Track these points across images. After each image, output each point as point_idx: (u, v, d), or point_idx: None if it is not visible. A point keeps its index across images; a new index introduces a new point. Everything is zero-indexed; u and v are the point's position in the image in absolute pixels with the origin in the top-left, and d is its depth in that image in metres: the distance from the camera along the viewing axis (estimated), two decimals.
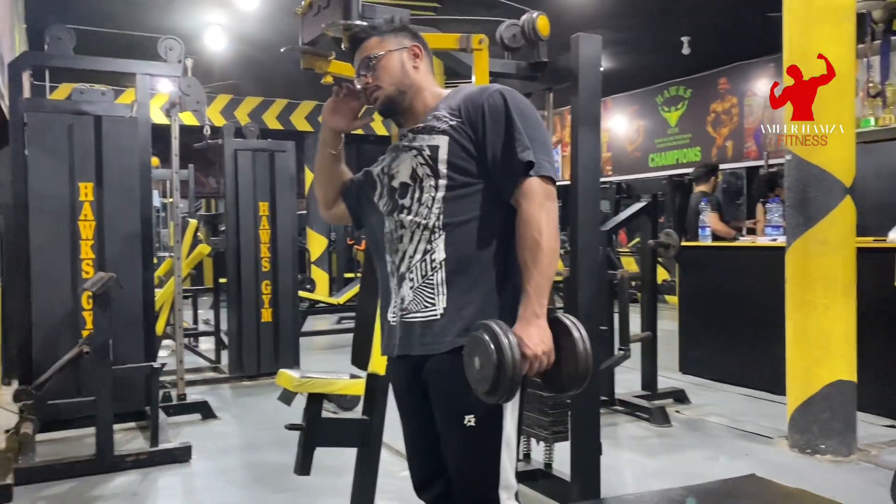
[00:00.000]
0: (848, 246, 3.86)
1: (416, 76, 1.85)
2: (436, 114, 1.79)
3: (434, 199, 1.71)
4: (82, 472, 3.64)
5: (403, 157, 1.80)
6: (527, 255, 1.65)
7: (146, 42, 6.47)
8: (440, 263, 1.71)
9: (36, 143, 4.20)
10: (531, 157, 1.67)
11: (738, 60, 9.60)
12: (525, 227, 1.66)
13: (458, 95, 1.81)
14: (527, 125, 1.71)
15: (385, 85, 1.82)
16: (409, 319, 1.75)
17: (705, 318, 5.80)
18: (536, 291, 1.63)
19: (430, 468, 1.85)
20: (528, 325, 1.60)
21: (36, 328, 4.15)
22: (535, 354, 1.58)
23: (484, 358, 1.53)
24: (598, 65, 2.96)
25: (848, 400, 3.85)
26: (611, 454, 3.54)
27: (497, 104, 1.72)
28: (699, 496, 1.70)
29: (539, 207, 1.66)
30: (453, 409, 1.70)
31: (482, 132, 1.71)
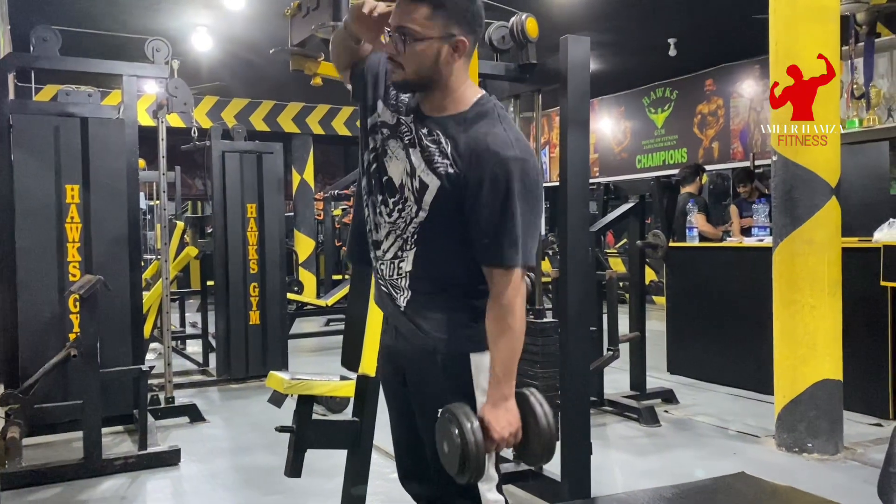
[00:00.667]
0: (834, 246, 3.90)
1: (446, 71, 1.66)
2: (442, 142, 1.65)
3: (412, 220, 1.69)
4: (70, 477, 3.61)
5: (399, 155, 1.72)
6: (499, 338, 1.65)
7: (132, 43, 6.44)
8: (406, 274, 1.72)
9: (22, 145, 4.17)
10: (515, 259, 1.62)
11: (724, 62, 9.66)
12: (501, 310, 1.64)
13: (470, 135, 1.64)
14: (525, 208, 1.61)
15: (407, 69, 1.65)
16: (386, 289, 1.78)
17: (693, 318, 5.84)
18: (506, 374, 1.64)
19: (414, 459, 1.87)
20: (497, 409, 1.63)
21: (22, 331, 4.11)
22: (503, 437, 1.63)
23: (450, 444, 1.60)
24: (587, 66, 2.98)
25: (834, 399, 3.88)
26: (600, 454, 3.56)
27: (500, 181, 1.59)
28: (690, 494, 1.71)
29: (516, 293, 1.64)
30: (426, 403, 1.73)
31: (475, 197, 1.61)
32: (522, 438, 1.66)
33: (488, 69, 3.12)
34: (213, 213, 6.08)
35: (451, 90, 1.69)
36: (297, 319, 7.91)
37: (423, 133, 1.69)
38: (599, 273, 4.77)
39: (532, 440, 1.65)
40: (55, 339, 4.09)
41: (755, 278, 5.05)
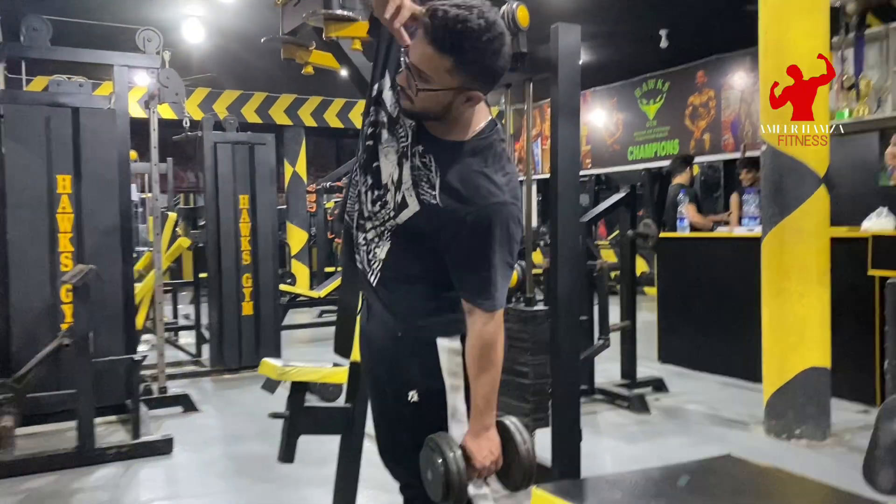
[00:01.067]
0: (822, 235, 3.93)
1: (456, 114, 1.61)
2: (431, 173, 1.61)
3: (389, 220, 1.70)
4: (63, 465, 3.62)
5: (391, 159, 1.69)
6: (480, 373, 1.66)
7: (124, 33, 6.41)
8: (379, 261, 1.73)
9: (12, 135, 4.16)
10: (489, 305, 1.62)
11: (716, 53, 9.69)
12: (484, 347, 1.65)
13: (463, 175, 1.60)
14: (503, 254, 1.61)
15: (416, 105, 1.58)
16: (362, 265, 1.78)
17: (683, 307, 5.88)
18: (486, 406, 1.67)
19: (393, 441, 1.88)
20: (478, 438, 1.67)
21: (14, 321, 4.11)
22: (484, 466, 1.66)
23: (434, 473, 1.64)
24: (578, 54, 2.99)
25: (822, 386, 3.92)
26: (591, 441, 3.59)
27: (483, 227, 1.58)
28: (678, 474, 1.74)
29: (496, 328, 1.66)
30: (396, 387, 1.75)
31: (451, 236, 1.60)
32: (503, 465, 1.70)
33: None
34: (206, 205, 6.08)
35: (459, 125, 1.64)
36: (290, 311, 7.93)
37: (417, 150, 1.64)
38: (590, 263, 4.80)
39: (513, 467, 1.69)
40: (47, 329, 4.10)
41: (745, 268, 5.08)
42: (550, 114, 3.05)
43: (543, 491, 1.62)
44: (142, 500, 3.29)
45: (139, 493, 3.38)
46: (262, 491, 3.37)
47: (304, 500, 3.27)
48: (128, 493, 3.38)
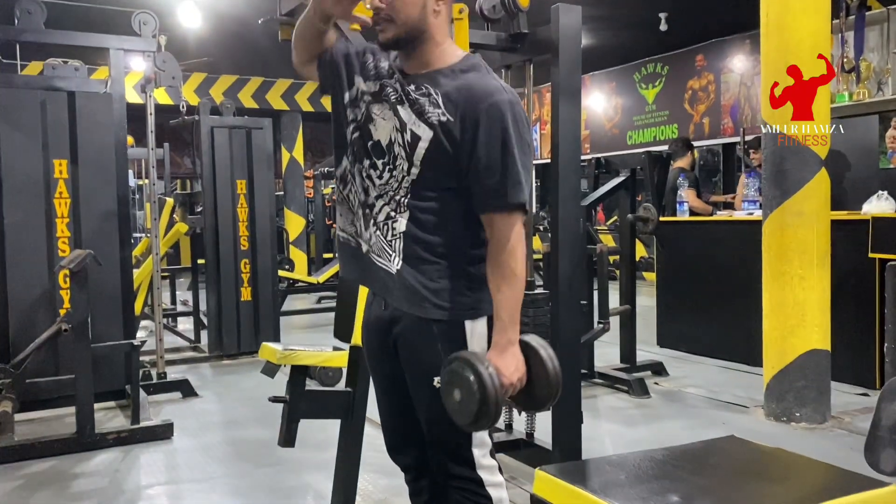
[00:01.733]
0: (823, 217, 3.92)
1: (434, 22, 1.66)
2: (431, 93, 1.65)
3: (404, 179, 1.68)
4: (63, 451, 3.62)
5: (386, 115, 1.70)
6: (502, 283, 1.64)
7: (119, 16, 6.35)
8: (399, 235, 1.69)
9: (8, 119, 4.12)
10: (522, 197, 1.63)
11: (715, 37, 9.63)
12: (505, 256, 1.64)
13: (461, 82, 1.65)
14: (521, 151, 1.63)
15: (398, 21, 1.63)
16: (372, 259, 1.74)
17: (682, 291, 5.87)
18: (511, 318, 1.64)
19: (402, 430, 1.87)
20: (504, 353, 1.63)
21: (12, 307, 4.09)
22: (511, 382, 1.62)
23: (465, 392, 1.57)
24: (579, 35, 2.97)
25: (822, 368, 3.92)
26: (591, 424, 3.59)
27: (497, 119, 1.60)
28: (680, 456, 1.73)
29: (518, 239, 1.65)
30: (421, 371, 1.71)
31: (471, 141, 1.61)
32: (527, 384, 1.65)
33: (479, 39, 3.11)
34: (203, 190, 6.04)
35: (437, 44, 1.69)
36: (288, 297, 7.91)
37: (410, 89, 1.68)
38: (590, 247, 4.79)
39: (537, 385, 1.65)
40: (45, 315, 4.08)
41: (744, 252, 5.08)
42: (551, 96, 3.03)
43: (546, 473, 1.61)
44: (142, 486, 3.28)
45: (139, 479, 3.37)
46: (262, 475, 3.37)
47: (305, 484, 3.26)
48: (128, 478, 3.37)
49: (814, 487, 1.68)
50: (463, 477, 1.74)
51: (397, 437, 1.89)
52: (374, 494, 3.10)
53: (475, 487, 1.74)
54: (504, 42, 3.17)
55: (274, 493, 3.16)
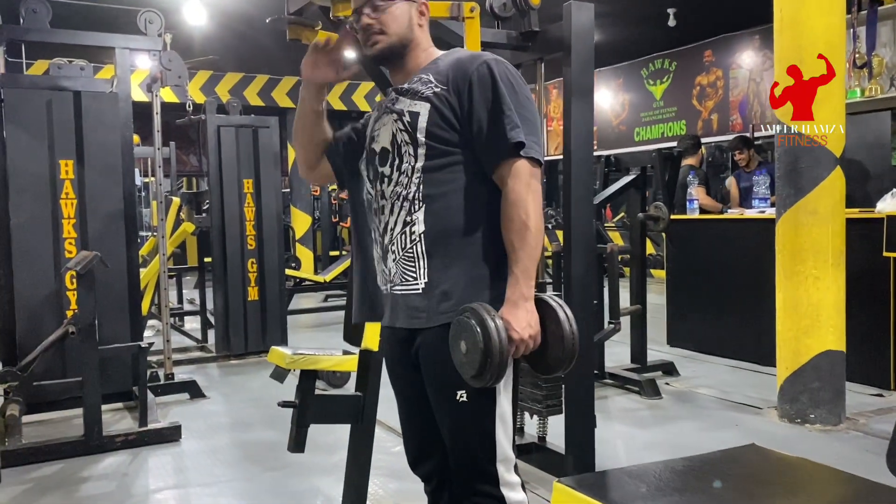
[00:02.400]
0: (838, 216, 3.86)
1: (419, 33, 1.77)
2: (422, 76, 1.71)
3: (413, 168, 1.66)
4: (71, 454, 3.60)
5: (385, 121, 1.75)
6: (514, 237, 1.61)
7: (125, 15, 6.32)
8: (419, 236, 1.66)
9: (13, 119, 4.10)
10: (521, 136, 1.61)
11: (724, 32, 9.56)
12: (512, 208, 1.61)
13: (448, 59, 1.73)
14: (517, 102, 1.64)
15: (390, 32, 1.72)
16: (395, 292, 1.73)
17: (693, 290, 5.82)
18: (524, 273, 1.60)
19: (424, 443, 1.84)
20: (516, 308, 1.58)
21: (19, 309, 4.07)
22: (522, 338, 1.57)
23: (470, 342, 1.52)
24: (591, 33, 2.92)
25: (837, 370, 3.87)
26: (602, 426, 3.54)
27: (486, 76, 1.64)
28: (701, 466, 1.69)
29: (527, 188, 1.61)
30: (445, 385, 1.67)
31: (468, 103, 1.64)
32: (541, 345, 1.60)
33: (489, 37, 3.06)
34: (210, 189, 6.02)
35: (423, 49, 1.79)
36: (295, 295, 7.89)
37: (403, 89, 1.74)
38: (600, 246, 4.74)
39: (552, 345, 1.59)
40: (52, 316, 4.06)
41: (756, 250, 5.02)
42: (563, 94, 2.98)
43: (564, 485, 1.57)
44: (150, 489, 3.26)
45: (148, 482, 3.35)
46: (270, 479, 3.34)
47: (314, 488, 3.23)
48: (136, 481, 3.35)
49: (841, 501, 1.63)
50: (485, 493, 1.69)
51: (419, 448, 1.86)
52: (384, 499, 3.07)
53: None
54: (515, 40, 3.12)
55: (282, 498, 3.13)
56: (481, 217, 1.66)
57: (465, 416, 1.67)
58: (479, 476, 1.70)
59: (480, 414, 1.67)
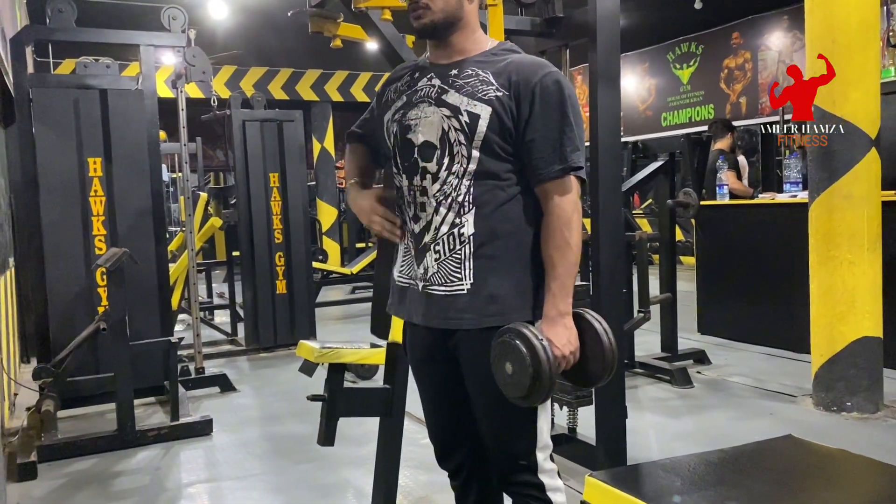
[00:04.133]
0: (873, 200, 3.77)
1: (469, 10, 1.69)
2: (478, 73, 1.65)
3: (466, 171, 1.63)
4: (104, 448, 3.64)
5: (428, 112, 1.67)
6: (554, 253, 1.61)
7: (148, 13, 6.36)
8: (469, 238, 1.64)
9: (42, 119, 4.14)
10: (581, 161, 1.63)
11: (751, 14, 9.38)
12: (557, 223, 1.61)
13: (508, 62, 1.65)
14: (577, 124, 1.64)
15: (436, 8, 1.64)
16: (431, 291, 1.69)
17: (724, 277, 5.72)
18: (562, 290, 1.60)
19: (453, 436, 1.83)
20: (555, 326, 1.58)
21: (51, 305, 4.13)
22: (563, 355, 1.57)
23: (517, 365, 1.51)
24: (617, 18, 2.86)
25: (874, 356, 3.79)
26: (633, 417, 3.51)
27: (552, 91, 1.61)
28: (736, 459, 1.65)
29: (573, 206, 1.62)
30: (490, 379, 1.64)
31: (528, 115, 1.61)
32: (581, 359, 1.60)
33: (513, 24, 3.02)
34: (236, 184, 6.05)
35: (472, 30, 1.71)
36: (322, 288, 7.91)
37: (452, 74, 1.67)
38: (628, 234, 4.68)
39: (591, 360, 1.59)
40: (84, 313, 4.11)
41: (788, 235, 4.93)
42: (589, 80, 2.94)
43: (596, 479, 1.54)
44: (183, 483, 3.29)
45: (180, 476, 3.38)
46: (301, 472, 3.35)
47: (345, 480, 3.24)
48: (169, 476, 3.38)
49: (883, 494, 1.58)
50: (523, 482, 1.69)
51: (447, 442, 1.85)
52: (414, 491, 3.07)
53: (537, 493, 1.69)
54: (539, 27, 3.08)
55: (313, 490, 3.14)
56: (530, 225, 1.66)
57: (510, 405, 1.65)
58: (519, 466, 1.69)
59: None
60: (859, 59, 3.71)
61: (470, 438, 1.79)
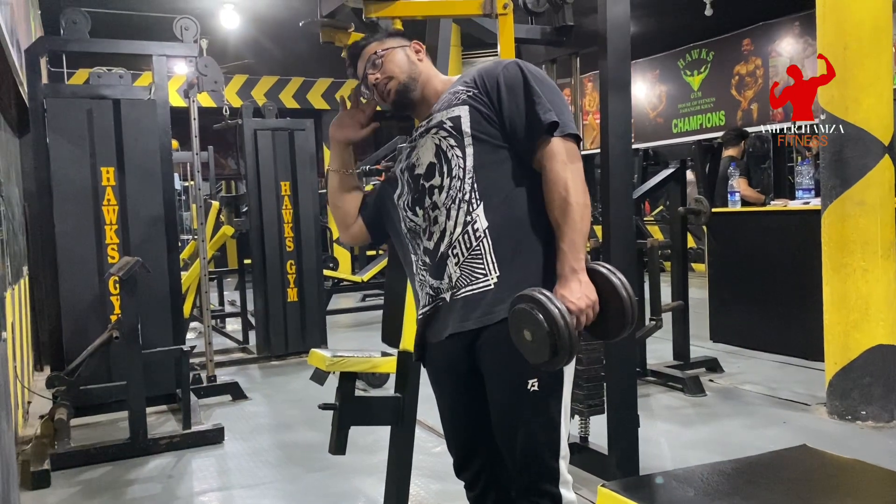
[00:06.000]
0: (887, 206, 3.74)
1: (423, 67, 1.86)
2: (451, 90, 1.78)
3: (465, 169, 1.69)
4: (117, 456, 3.66)
5: (422, 141, 1.78)
6: (557, 214, 1.63)
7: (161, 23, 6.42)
8: (484, 232, 1.66)
9: (56, 128, 4.18)
10: (554, 117, 1.66)
11: (762, 20, 9.35)
12: (552, 186, 1.65)
13: (472, 71, 1.79)
14: (545, 90, 1.70)
15: (396, 74, 1.81)
16: (460, 295, 1.69)
17: (736, 284, 5.70)
18: (571, 247, 1.61)
19: (472, 447, 1.83)
20: (568, 282, 1.58)
21: (65, 314, 4.15)
22: (580, 308, 1.55)
23: (535, 329, 1.49)
24: (628, 26, 2.86)
25: (889, 364, 3.75)
26: (646, 425, 3.49)
27: (513, 73, 1.72)
28: (750, 469, 1.64)
29: (563, 165, 1.64)
30: (515, 376, 1.65)
31: (498, 101, 1.70)
32: (600, 313, 1.59)
33: (523, 33, 3.02)
34: (248, 192, 6.08)
35: (437, 78, 1.88)
36: (333, 295, 7.93)
37: (434, 110, 1.80)
38: (640, 241, 4.66)
39: (611, 312, 1.58)
40: (97, 322, 4.13)
41: (801, 242, 4.90)
42: (600, 88, 2.93)
43: (609, 490, 1.54)
44: (195, 492, 3.29)
45: (192, 484, 3.39)
46: (313, 480, 3.35)
47: (356, 488, 3.24)
48: (181, 484, 3.39)
49: None
50: (543, 492, 1.68)
51: (465, 452, 1.85)
52: (426, 500, 3.06)
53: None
54: (549, 35, 3.07)
55: (325, 499, 3.14)
56: (540, 206, 1.68)
57: (535, 407, 1.66)
58: (542, 473, 1.68)
59: (549, 403, 1.67)
60: (872, 65, 3.69)
61: (488, 449, 1.79)
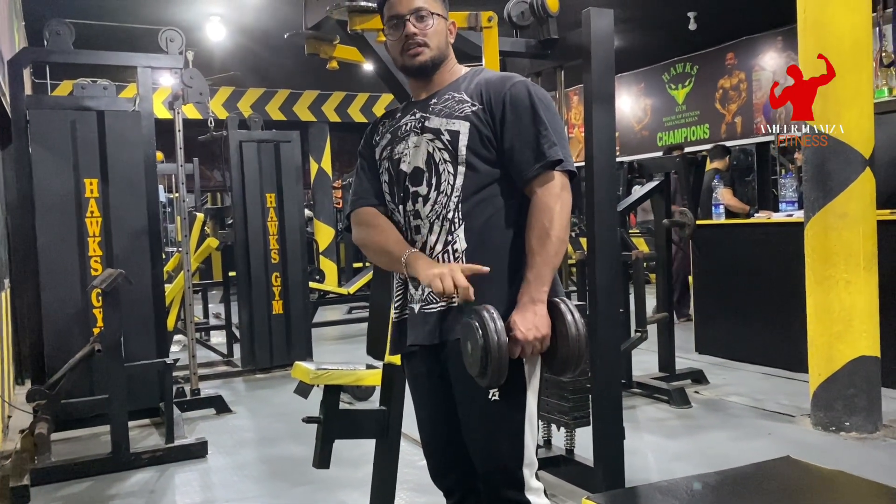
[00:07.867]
0: (868, 219, 3.78)
1: (449, 48, 1.82)
2: (453, 95, 1.75)
3: (453, 186, 1.70)
4: (98, 471, 3.61)
5: (416, 141, 1.75)
6: (534, 242, 1.64)
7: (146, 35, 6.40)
8: (462, 253, 1.69)
9: (39, 140, 4.15)
10: (559, 154, 1.67)
11: (746, 34, 9.46)
12: (537, 213, 1.66)
13: (477, 79, 1.77)
14: (551, 119, 1.70)
15: (432, 45, 1.76)
16: (428, 311, 1.73)
17: (721, 296, 5.73)
18: (537, 278, 1.63)
19: (449, 455, 1.84)
20: (525, 311, 1.62)
21: (46, 327, 4.11)
22: (527, 339, 1.60)
23: (473, 342, 1.57)
24: (611, 39, 2.88)
25: (872, 376, 3.78)
26: (632, 437, 3.49)
27: (521, 96, 1.70)
28: (735, 480, 1.64)
29: (555, 198, 1.66)
30: (477, 385, 1.66)
31: (501, 122, 1.69)
32: (550, 346, 1.64)
33: (508, 46, 3.04)
34: (233, 204, 6.06)
35: (451, 64, 1.84)
36: (319, 308, 7.89)
37: (432, 103, 1.77)
38: (625, 253, 4.68)
39: (561, 348, 1.63)
40: (79, 335, 4.09)
41: (784, 255, 4.93)
42: (584, 101, 2.95)
43: (594, 502, 1.53)
44: None
45: (175, 499, 3.34)
46: (298, 494, 3.32)
47: (341, 502, 3.21)
48: (163, 498, 3.35)
49: None
50: (510, 499, 1.70)
51: (441, 460, 1.86)
52: None
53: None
54: (534, 49, 3.09)
55: None
56: (520, 235, 1.69)
57: (497, 415, 1.69)
58: (507, 480, 1.71)
59: (511, 413, 1.69)
60: (853, 80, 3.73)
61: (464, 458, 1.80)
